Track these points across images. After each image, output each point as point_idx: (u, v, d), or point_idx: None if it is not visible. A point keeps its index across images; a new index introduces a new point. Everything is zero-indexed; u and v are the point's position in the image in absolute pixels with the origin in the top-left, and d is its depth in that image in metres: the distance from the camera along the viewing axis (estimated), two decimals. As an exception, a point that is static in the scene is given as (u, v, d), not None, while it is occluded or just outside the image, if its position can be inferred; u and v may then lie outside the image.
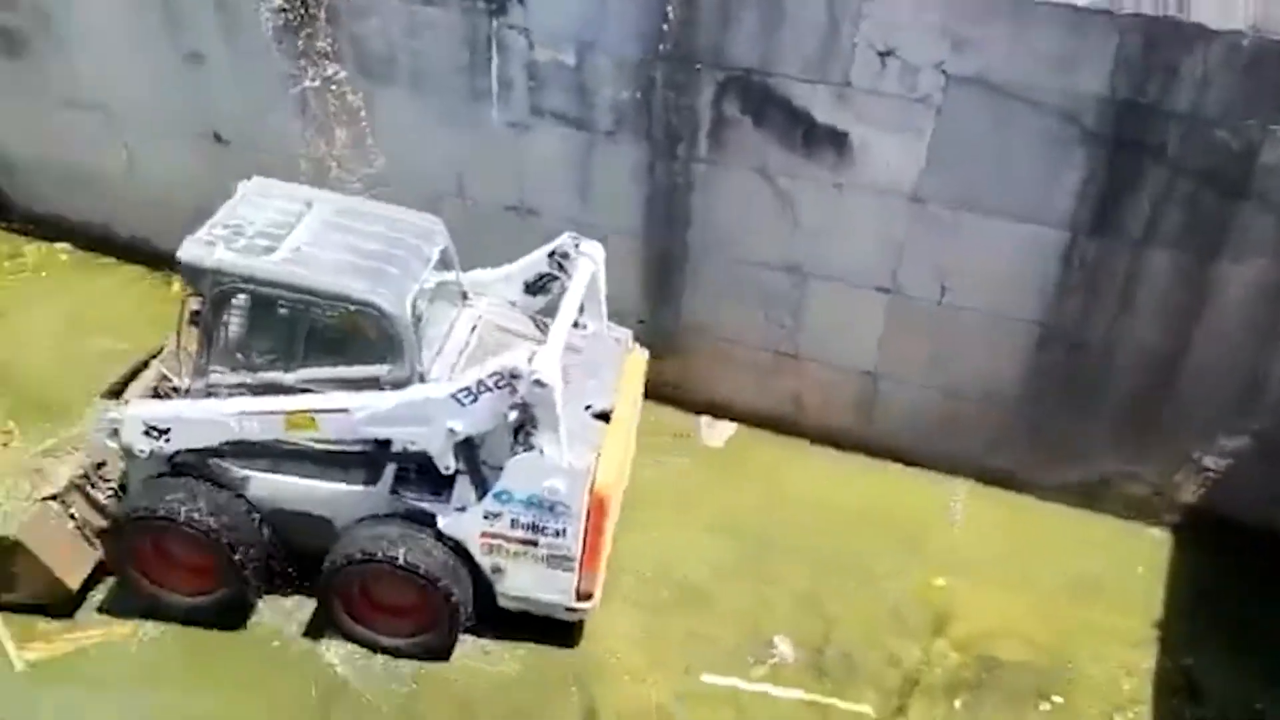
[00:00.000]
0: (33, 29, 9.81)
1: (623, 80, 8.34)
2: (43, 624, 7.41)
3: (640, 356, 8.29)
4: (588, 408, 7.39)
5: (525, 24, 8.30)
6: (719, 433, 9.56)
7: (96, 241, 10.70)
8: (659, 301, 9.25)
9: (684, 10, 7.92)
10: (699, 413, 9.63)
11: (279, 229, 6.98)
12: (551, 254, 7.81)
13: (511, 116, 8.76)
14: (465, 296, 7.80)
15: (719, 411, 9.59)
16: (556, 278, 7.81)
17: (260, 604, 7.63)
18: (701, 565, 8.33)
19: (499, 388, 6.61)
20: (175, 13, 9.25)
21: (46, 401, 8.50)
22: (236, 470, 7.19)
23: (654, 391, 9.51)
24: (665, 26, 8.03)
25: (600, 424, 7.35)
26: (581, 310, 7.80)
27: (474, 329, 7.62)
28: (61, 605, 7.46)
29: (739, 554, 8.44)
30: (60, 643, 7.35)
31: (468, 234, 8.69)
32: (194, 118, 9.76)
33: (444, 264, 7.46)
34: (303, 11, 8.68)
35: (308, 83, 8.98)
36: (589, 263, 7.75)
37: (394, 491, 7.12)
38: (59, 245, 10.96)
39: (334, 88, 8.99)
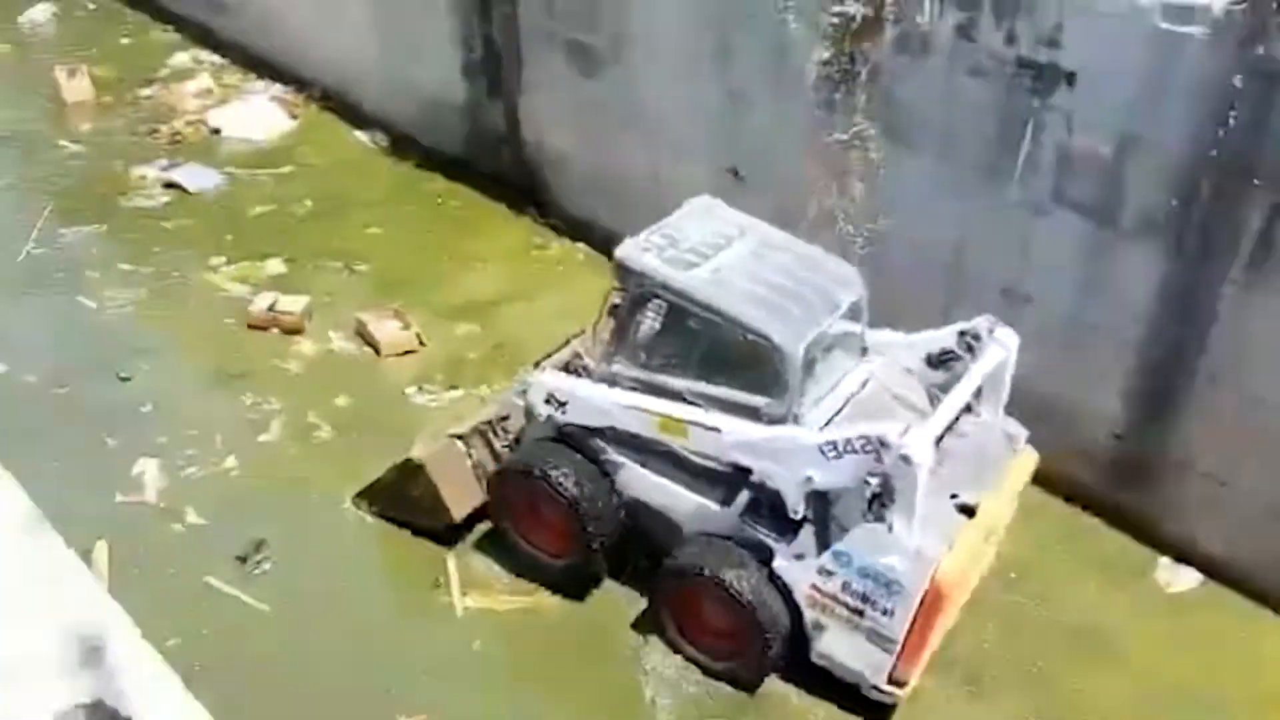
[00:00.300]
0: (609, 53, 10.98)
1: (1161, 181, 7.76)
2: (490, 578, 8.18)
3: (1029, 458, 7.75)
4: (954, 496, 7.01)
5: (1069, 107, 7.98)
6: (1181, 578, 8.58)
7: (610, 247, 11.72)
8: (1145, 420, 8.48)
9: (1251, 113, 7.22)
10: (1162, 551, 8.71)
11: (708, 249, 7.34)
12: (963, 333, 7.57)
13: (1029, 198, 8.46)
14: (865, 352, 7.71)
15: (1186, 555, 8.61)
16: (960, 358, 7.52)
17: (599, 590, 8.04)
18: None
19: (864, 451, 6.55)
20: (730, 54, 9.94)
21: (531, 374, 9.44)
22: (613, 455, 7.65)
23: (1113, 515, 8.78)
24: (1222, 132, 7.37)
25: (962, 517, 6.97)
26: (980, 397, 7.49)
27: (864, 386, 7.53)
28: (443, 533, 8.26)
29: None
30: (494, 598, 8.07)
31: (950, 308, 8.52)
32: (720, 151, 10.42)
33: (852, 315, 7.49)
34: (847, 67, 8.97)
35: (836, 134, 9.25)
36: (999, 350, 7.45)
37: (743, 517, 7.21)
38: (579, 245, 12.15)
39: (858, 143, 9.19)
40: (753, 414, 7.06)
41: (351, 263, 11.61)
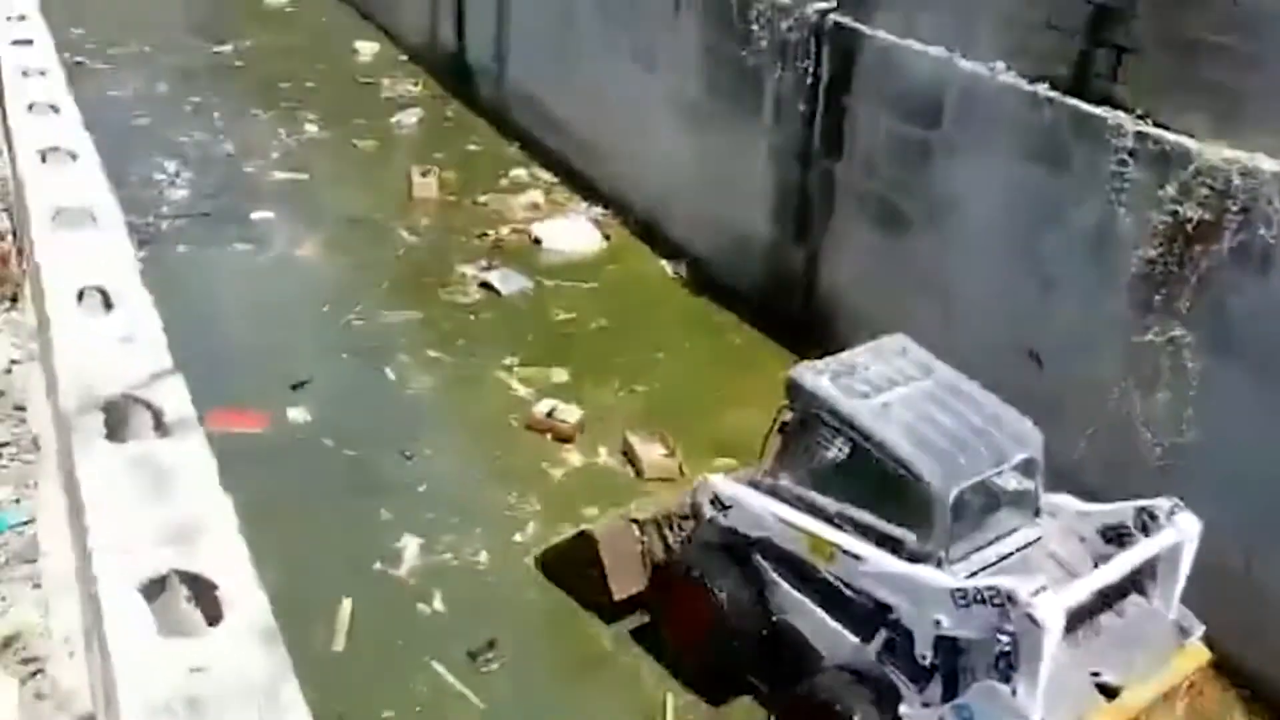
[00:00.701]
0: (921, 218, 10.91)
1: None
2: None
3: (1199, 654, 7.18)
4: (1095, 674, 6.69)
5: None
6: None
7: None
8: None
9: None
10: None
11: (886, 383, 7.50)
12: (1141, 509, 7.18)
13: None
14: (1038, 513, 7.47)
15: None
16: (1133, 535, 7.06)
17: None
18: None
19: (992, 604, 6.40)
20: (1047, 237, 9.60)
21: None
22: (768, 574, 7.79)
23: None
24: None
25: (1100, 697, 6.62)
26: (1154, 580, 7.16)
27: (1027, 545, 7.30)
28: (602, 609, 8.52)
29: None
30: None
31: (1252, 542, 7.71)
32: (1019, 332, 9.99)
33: (1025, 472, 7.40)
34: (1174, 269, 8.44)
35: (1150, 336, 8.67)
36: (1174, 534, 7.05)
37: (879, 655, 7.11)
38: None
39: (1172, 349, 8.57)
40: (897, 548, 7.08)
41: (631, 383, 11.95)
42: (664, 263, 14.50)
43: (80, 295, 2.81)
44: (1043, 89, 9.57)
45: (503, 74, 18.65)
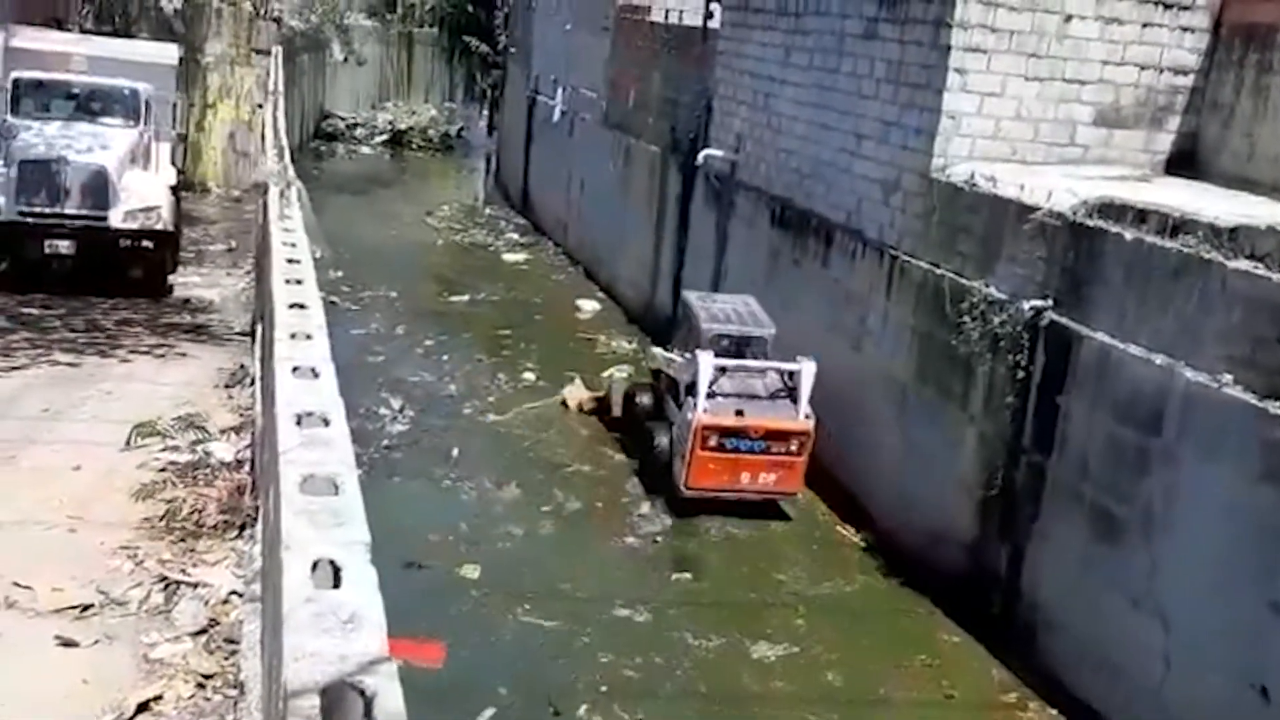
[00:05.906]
0: (1137, 529, 10.32)
1: None
2: None
3: (804, 423, 13.84)
4: (739, 409, 13.80)
5: None
6: None
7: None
8: None
9: None
10: None
11: (722, 301, 15.59)
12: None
13: None
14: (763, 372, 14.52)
15: None
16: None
17: None
18: None
19: (691, 359, 13.88)
20: (1271, 564, 8.94)
21: None
22: (659, 390, 15.59)
23: None
24: None
25: (733, 414, 13.75)
26: (792, 395, 14.08)
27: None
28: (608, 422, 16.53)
29: None
30: None
31: None
32: (1243, 664, 9.16)
33: (756, 346, 14.70)
34: None
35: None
36: (796, 365, 13.99)
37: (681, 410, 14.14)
38: (1053, 711, 11.04)
39: None
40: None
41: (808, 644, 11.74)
42: (845, 530, 14.35)
43: (314, 566, 3.02)
44: (1274, 405, 9.16)
45: (713, 339, 19.37)
